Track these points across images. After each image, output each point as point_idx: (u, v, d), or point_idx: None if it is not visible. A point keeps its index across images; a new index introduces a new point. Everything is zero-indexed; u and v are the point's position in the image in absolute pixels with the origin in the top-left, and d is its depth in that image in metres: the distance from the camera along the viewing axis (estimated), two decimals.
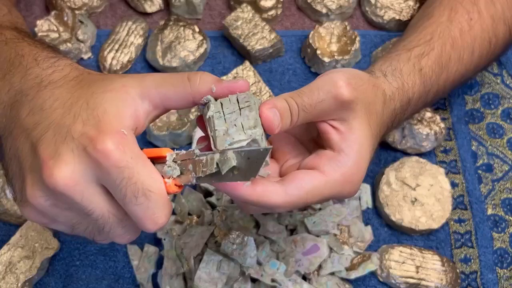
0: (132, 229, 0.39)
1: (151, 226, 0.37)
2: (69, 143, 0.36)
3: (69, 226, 0.40)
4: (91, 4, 0.71)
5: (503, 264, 0.59)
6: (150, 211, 0.36)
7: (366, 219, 0.60)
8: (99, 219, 0.38)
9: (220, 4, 0.74)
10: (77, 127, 0.36)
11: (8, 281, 0.54)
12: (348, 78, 0.42)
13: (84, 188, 0.36)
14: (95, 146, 0.35)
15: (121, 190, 0.36)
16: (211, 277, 0.52)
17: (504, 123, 0.67)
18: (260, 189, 0.39)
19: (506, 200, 0.62)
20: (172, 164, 0.38)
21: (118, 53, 0.68)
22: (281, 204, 0.40)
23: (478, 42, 0.57)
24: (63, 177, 0.35)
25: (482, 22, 0.57)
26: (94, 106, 0.37)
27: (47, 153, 0.36)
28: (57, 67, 0.42)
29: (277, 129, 0.39)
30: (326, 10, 0.71)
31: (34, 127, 0.38)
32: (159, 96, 0.39)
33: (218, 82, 0.39)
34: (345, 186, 0.42)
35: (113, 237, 0.39)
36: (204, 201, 0.58)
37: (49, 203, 0.37)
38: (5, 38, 0.47)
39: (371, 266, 0.56)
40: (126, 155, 0.35)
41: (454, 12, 0.57)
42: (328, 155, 0.42)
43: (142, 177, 0.36)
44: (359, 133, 0.43)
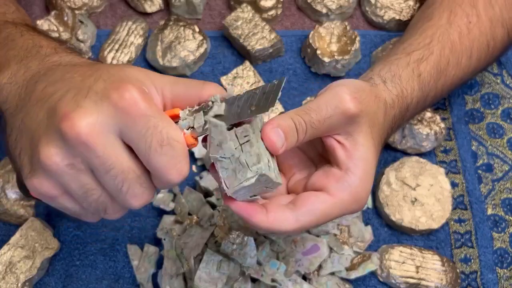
0: (150, 187, 0.38)
1: (176, 176, 0.36)
2: (92, 96, 0.36)
3: (82, 194, 0.38)
4: (91, 4, 0.71)
5: (503, 264, 0.59)
6: (175, 160, 0.36)
7: (366, 219, 0.60)
8: (118, 176, 0.36)
9: (220, 4, 0.74)
10: (99, 84, 0.36)
11: (8, 281, 0.54)
12: (353, 92, 0.42)
13: (106, 139, 0.35)
14: (121, 94, 0.35)
15: (146, 139, 0.35)
16: (211, 277, 0.52)
17: (504, 123, 0.67)
18: (272, 218, 0.40)
19: (506, 200, 0.62)
20: (186, 116, 0.38)
21: (118, 53, 0.68)
22: (292, 231, 0.41)
23: (477, 45, 0.57)
24: (85, 126, 0.34)
25: (481, 25, 0.57)
26: (115, 72, 0.37)
27: (68, 108, 0.35)
28: (75, 56, 0.43)
29: (281, 149, 0.39)
30: (326, 10, 0.71)
31: (53, 93, 0.37)
32: (172, 95, 0.39)
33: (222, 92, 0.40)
34: (352, 205, 0.43)
35: (130, 197, 0.38)
36: (204, 201, 0.58)
37: (65, 163, 0.36)
38: (21, 31, 0.47)
39: (371, 266, 0.56)
40: (151, 105, 0.36)
41: (453, 15, 0.57)
42: (335, 176, 0.43)
43: (166, 127, 0.36)
44: (363, 149, 0.43)
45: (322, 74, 0.68)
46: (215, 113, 0.37)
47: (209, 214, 0.56)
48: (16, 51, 0.44)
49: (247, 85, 0.65)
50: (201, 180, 0.59)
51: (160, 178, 0.37)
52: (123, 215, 0.41)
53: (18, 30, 0.48)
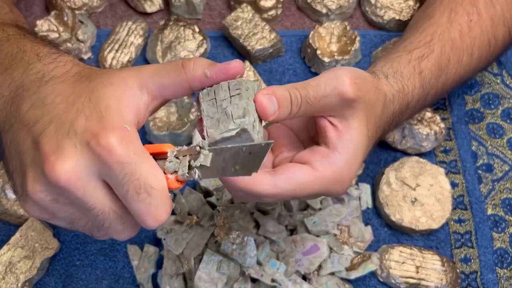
0: (132, 225, 0.39)
1: (152, 223, 0.37)
2: (72, 138, 0.36)
3: (69, 222, 0.40)
4: (91, 4, 0.71)
5: (503, 264, 0.59)
6: (152, 207, 0.36)
7: (366, 219, 0.60)
8: (99, 215, 0.38)
9: (220, 4, 0.74)
10: (80, 122, 0.36)
11: (8, 281, 0.54)
12: (354, 77, 0.42)
13: (86, 183, 0.36)
14: (98, 141, 0.35)
15: (123, 186, 0.36)
16: (211, 277, 0.52)
17: (504, 123, 0.67)
18: (249, 178, 0.39)
19: (506, 200, 0.62)
20: (173, 159, 0.38)
21: (118, 53, 0.68)
22: (269, 194, 0.40)
23: (478, 44, 0.57)
24: (65, 171, 0.35)
25: (482, 23, 0.57)
26: (96, 102, 0.37)
27: (49, 148, 0.36)
28: (59, 62, 0.42)
29: (272, 116, 0.39)
30: (326, 10, 0.71)
31: (36, 121, 0.38)
32: (156, 86, 0.39)
33: (211, 65, 0.39)
34: (335, 185, 0.43)
35: (112, 233, 0.39)
36: (204, 201, 0.58)
37: (49, 198, 0.37)
38: (7, 35, 0.47)
39: (371, 266, 0.56)
40: (129, 151, 0.35)
41: (454, 13, 0.57)
42: (321, 152, 0.43)
43: (144, 173, 0.36)
44: (355, 133, 0.43)
45: None
46: (200, 163, 0.37)
47: (209, 214, 0.56)
48: (1, 58, 0.44)
49: None
50: (201, 180, 0.59)
51: (138, 221, 0.37)
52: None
53: (5, 34, 0.47)
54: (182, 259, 0.55)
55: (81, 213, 0.39)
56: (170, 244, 0.55)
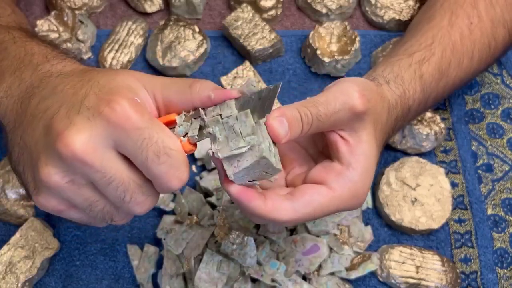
0: (153, 193, 0.39)
1: (176, 183, 0.37)
2: (84, 112, 0.36)
3: (86, 207, 0.39)
4: (91, 4, 0.71)
5: (503, 264, 0.59)
6: (174, 168, 0.36)
7: (366, 219, 0.60)
8: (119, 187, 0.37)
9: (220, 4, 0.74)
10: (90, 98, 0.36)
11: (8, 281, 0.54)
12: (362, 90, 0.42)
13: (103, 154, 0.36)
14: (113, 108, 0.35)
15: (142, 151, 0.35)
16: (211, 277, 0.52)
17: (504, 123, 0.67)
18: (270, 205, 0.40)
19: (506, 200, 0.62)
20: (183, 123, 0.38)
21: (118, 53, 0.68)
22: (289, 221, 0.41)
23: (478, 46, 0.57)
24: (81, 144, 0.35)
25: (482, 26, 0.57)
26: (106, 83, 0.37)
27: (62, 126, 0.36)
28: (67, 62, 0.42)
29: (284, 139, 0.39)
30: (326, 10, 0.71)
31: (46, 110, 0.38)
32: (163, 98, 0.39)
33: (216, 89, 0.39)
34: (351, 201, 0.43)
35: (133, 206, 0.38)
36: (204, 201, 0.58)
37: (66, 180, 0.37)
38: (13, 37, 0.47)
39: (371, 266, 0.56)
40: (143, 116, 0.36)
41: (455, 16, 0.57)
42: (336, 170, 0.43)
43: (161, 137, 0.36)
44: (366, 146, 0.43)
45: (322, 74, 0.68)
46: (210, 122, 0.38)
47: (209, 214, 0.56)
48: (9, 61, 0.44)
49: None
50: (201, 180, 0.59)
51: (161, 186, 0.37)
52: (130, 220, 0.42)
53: (11, 36, 0.47)
54: (182, 259, 0.55)
55: (99, 194, 0.38)
56: (170, 244, 0.55)
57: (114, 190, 0.37)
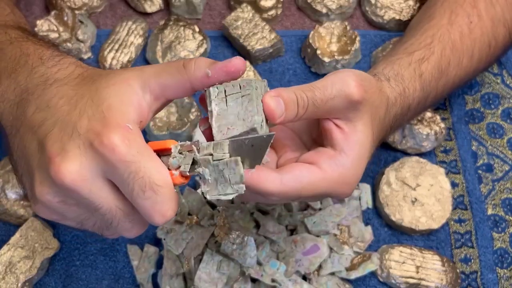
0: (140, 222, 0.39)
1: (159, 220, 0.37)
2: (76, 139, 0.36)
3: (78, 222, 0.40)
4: (91, 4, 0.71)
5: (503, 264, 0.59)
6: (158, 205, 0.36)
7: (366, 219, 0.60)
8: (107, 214, 0.38)
9: (220, 4, 0.74)
10: (83, 123, 0.37)
11: (8, 281, 0.54)
12: (360, 79, 0.42)
13: (91, 183, 0.36)
14: (101, 141, 0.35)
15: (128, 184, 0.36)
16: (211, 277, 0.52)
17: (504, 123, 0.66)
18: (256, 175, 0.39)
19: (506, 200, 0.62)
20: (177, 155, 0.38)
21: (118, 53, 0.68)
22: (275, 192, 0.40)
23: (478, 45, 0.57)
24: (70, 172, 0.36)
25: (482, 25, 0.57)
26: (99, 102, 0.37)
27: (54, 150, 0.36)
28: (62, 65, 0.42)
29: (280, 119, 0.39)
30: (326, 10, 0.71)
31: (41, 124, 0.38)
32: (158, 86, 0.39)
33: (212, 64, 0.39)
34: (341, 186, 0.43)
35: (121, 231, 0.40)
36: (204, 201, 0.58)
37: (57, 200, 0.38)
38: (10, 38, 0.47)
39: (371, 266, 0.56)
40: (132, 149, 0.36)
41: (454, 15, 0.57)
42: (328, 153, 0.43)
43: (148, 171, 0.36)
44: (361, 135, 0.43)
45: (322, 74, 0.68)
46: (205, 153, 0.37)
47: (209, 214, 0.56)
48: (5, 62, 0.44)
49: None
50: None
51: (146, 218, 0.38)
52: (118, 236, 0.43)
53: (7, 37, 0.47)
54: (182, 259, 0.55)
55: (89, 213, 0.39)
56: (170, 244, 0.55)
57: (101, 216, 0.38)
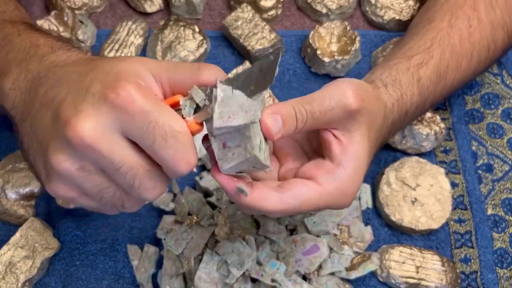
0: (162, 179, 0.39)
1: (185, 167, 0.37)
2: (90, 99, 0.36)
3: (97, 194, 0.39)
4: (91, 4, 0.71)
5: (503, 264, 0.59)
6: (181, 151, 0.36)
7: (366, 219, 0.60)
8: (128, 173, 0.37)
9: (220, 4, 0.74)
10: (95, 86, 0.36)
11: (8, 281, 0.54)
12: (356, 89, 0.42)
13: (110, 140, 0.36)
14: (118, 93, 0.35)
15: (149, 135, 0.35)
16: (211, 277, 0.52)
17: (504, 123, 0.67)
18: (257, 194, 0.40)
19: (506, 200, 0.62)
20: (187, 103, 0.38)
21: (118, 53, 0.68)
22: (275, 210, 0.41)
23: (477, 49, 0.57)
24: (88, 130, 0.35)
25: (482, 28, 0.57)
26: (110, 69, 0.37)
27: (69, 113, 0.36)
28: (72, 52, 0.43)
29: (277, 136, 0.40)
30: (326, 10, 0.71)
31: (53, 98, 0.38)
32: (169, 81, 0.39)
33: (223, 74, 0.40)
34: (339, 199, 0.43)
35: (143, 192, 0.38)
36: (204, 201, 0.58)
37: (75, 167, 0.37)
38: (18, 30, 0.48)
39: (371, 266, 0.56)
40: (149, 99, 0.36)
41: (454, 18, 0.56)
42: (326, 167, 0.43)
43: (168, 120, 0.36)
44: (358, 147, 0.43)
45: (322, 74, 0.68)
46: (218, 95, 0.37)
47: (209, 214, 0.56)
48: (15, 53, 0.45)
49: None
50: (201, 180, 0.59)
51: (169, 170, 0.37)
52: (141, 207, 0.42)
53: (15, 29, 0.48)
54: (182, 259, 0.55)
55: (109, 181, 0.38)
56: (170, 244, 0.55)
57: (122, 176, 0.37)
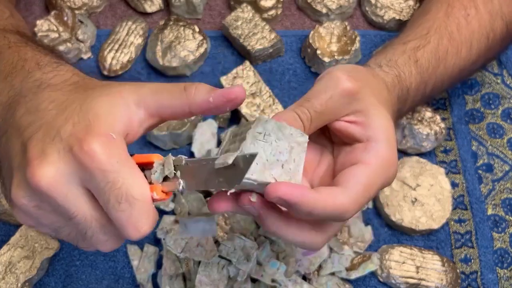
0: (115, 235, 0.38)
1: (133, 234, 0.36)
2: (57, 143, 0.36)
3: (54, 230, 0.39)
4: (91, 4, 0.71)
5: (503, 264, 0.59)
6: (133, 218, 0.35)
7: (366, 219, 0.60)
8: (81, 223, 0.37)
9: (220, 4, 0.74)
10: (67, 128, 0.36)
11: (8, 281, 0.54)
12: (347, 72, 0.42)
13: (67, 190, 0.35)
14: (81, 147, 0.35)
15: (104, 194, 0.35)
16: (212, 279, 0.52)
17: (504, 123, 0.66)
18: (325, 193, 0.37)
19: (506, 200, 0.62)
20: (159, 168, 0.37)
21: (118, 53, 0.67)
22: (349, 206, 0.38)
23: (476, 37, 0.57)
24: (46, 177, 0.35)
25: (480, 17, 0.57)
26: (87, 110, 0.37)
27: (34, 153, 0.36)
28: (59, 71, 0.42)
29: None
30: (326, 10, 0.71)
31: (27, 126, 0.38)
32: (155, 104, 0.38)
33: (213, 91, 0.38)
34: (387, 171, 0.41)
35: (95, 243, 0.38)
36: (204, 201, 0.58)
37: (32, 204, 0.37)
38: (8, 42, 0.47)
39: (371, 266, 0.56)
40: (111, 158, 0.35)
41: (451, 8, 0.57)
42: (360, 148, 0.41)
43: (126, 183, 0.35)
44: (376, 117, 0.42)
45: None
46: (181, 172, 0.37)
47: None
48: (2, 66, 0.44)
49: (247, 85, 0.65)
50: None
51: (120, 232, 0.37)
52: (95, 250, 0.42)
53: (6, 41, 0.47)
54: (181, 260, 0.55)
55: (64, 222, 0.38)
56: (170, 244, 0.55)
57: (76, 225, 0.37)
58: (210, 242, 0.54)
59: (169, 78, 0.67)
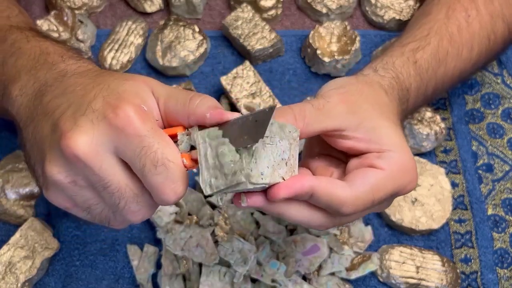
0: (148, 205, 0.39)
1: (170, 196, 0.36)
2: (89, 115, 0.36)
3: (87, 208, 0.39)
4: (91, 4, 0.71)
5: (503, 264, 0.59)
6: (169, 180, 0.36)
7: (366, 219, 0.60)
8: (115, 193, 0.37)
9: (220, 4, 0.74)
10: (97, 101, 0.37)
11: (8, 281, 0.54)
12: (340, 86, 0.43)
13: (103, 158, 0.36)
14: (116, 113, 0.35)
15: (140, 159, 0.36)
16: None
17: (504, 123, 0.66)
18: (324, 183, 0.38)
19: (506, 200, 0.62)
20: (185, 138, 0.38)
21: (118, 53, 0.67)
22: (348, 201, 0.38)
23: (477, 39, 0.57)
24: (82, 145, 0.35)
25: (481, 19, 0.57)
26: (116, 87, 0.38)
27: (66, 126, 0.36)
28: (82, 63, 0.43)
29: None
30: (326, 10, 0.71)
31: (56, 108, 0.38)
32: (164, 107, 0.39)
33: (213, 109, 0.38)
34: (405, 176, 0.41)
35: (127, 214, 0.39)
36: (204, 201, 0.58)
37: (68, 180, 0.37)
38: (26, 36, 0.47)
39: (371, 266, 0.56)
40: (146, 124, 0.36)
41: (451, 10, 0.57)
42: (374, 155, 0.41)
43: (161, 147, 0.36)
44: (382, 128, 0.42)
45: (322, 74, 0.68)
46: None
47: (209, 214, 0.56)
48: (24, 60, 0.45)
49: (247, 85, 0.65)
50: None
51: (156, 197, 0.37)
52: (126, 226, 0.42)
53: (24, 35, 0.48)
54: (179, 260, 0.55)
55: (98, 197, 0.38)
56: (169, 244, 0.55)
57: (109, 195, 0.37)
58: (210, 243, 0.54)
59: (169, 78, 0.67)
